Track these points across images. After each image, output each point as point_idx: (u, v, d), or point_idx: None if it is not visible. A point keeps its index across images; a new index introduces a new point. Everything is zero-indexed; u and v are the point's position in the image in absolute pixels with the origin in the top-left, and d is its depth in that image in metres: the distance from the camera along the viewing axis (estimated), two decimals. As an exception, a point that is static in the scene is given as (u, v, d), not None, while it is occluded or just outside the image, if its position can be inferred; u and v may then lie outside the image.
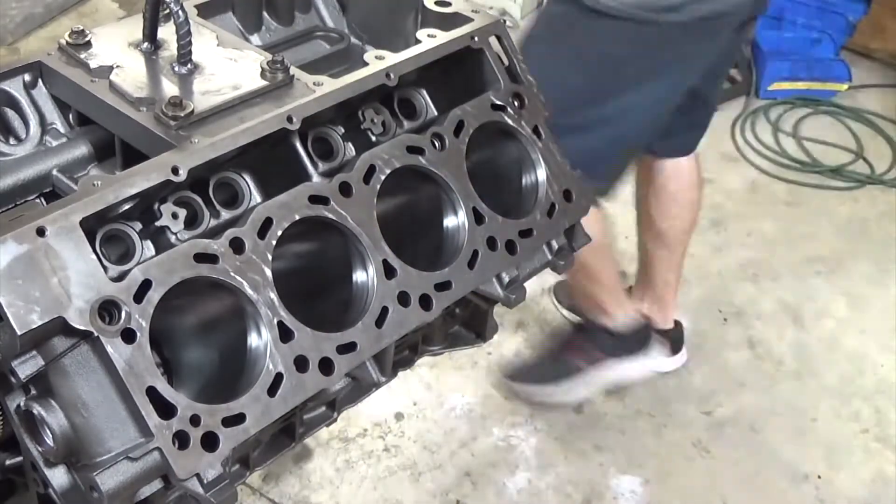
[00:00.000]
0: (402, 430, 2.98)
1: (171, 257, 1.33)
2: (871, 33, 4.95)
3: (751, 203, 4.07)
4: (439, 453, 2.93)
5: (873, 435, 3.11)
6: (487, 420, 3.04)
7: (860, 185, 4.22)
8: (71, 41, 1.62)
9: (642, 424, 3.07)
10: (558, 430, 3.02)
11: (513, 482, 2.87)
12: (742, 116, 4.56)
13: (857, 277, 3.72)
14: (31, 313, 1.20)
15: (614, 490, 2.87)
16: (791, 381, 3.27)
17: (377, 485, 2.82)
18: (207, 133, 1.44)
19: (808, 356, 3.37)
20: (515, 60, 1.80)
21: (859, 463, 3.02)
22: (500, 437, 2.99)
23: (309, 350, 1.40)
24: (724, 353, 3.35)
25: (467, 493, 2.82)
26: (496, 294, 1.71)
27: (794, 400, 3.20)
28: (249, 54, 1.64)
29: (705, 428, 3.07)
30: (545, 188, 1.76)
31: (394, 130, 1.67)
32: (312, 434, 1.83)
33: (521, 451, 2.96)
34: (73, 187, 1.50)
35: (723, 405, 3.15)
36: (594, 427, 3.05)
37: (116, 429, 1.27)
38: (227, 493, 1.35)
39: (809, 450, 3.04)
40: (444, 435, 2.98)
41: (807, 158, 4.34)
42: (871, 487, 2.95)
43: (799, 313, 3.54)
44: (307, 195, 1.47)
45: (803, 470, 2.97)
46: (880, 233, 3.97)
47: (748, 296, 3.58)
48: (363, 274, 1.51)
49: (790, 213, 4.03)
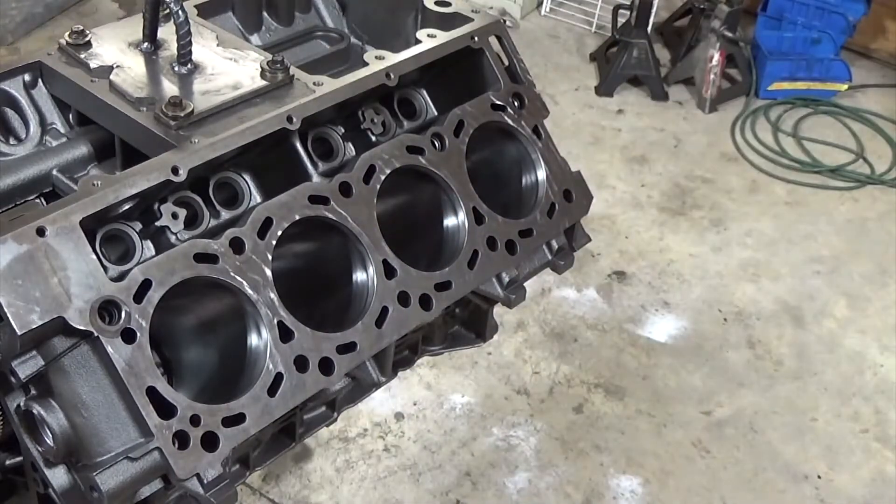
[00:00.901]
0: (402, 430, 2.98)
1: (171, 257, 1.33)
2: (871, 33, 4.95)
3: (751, 203, 4.07)
4: (439, 453, 2.92)
5: (873, 435, 3.11)
6: (487, 420, 3.04)
7: (860, 185, 4.23)
8: (71, 41, 1.62)
9: (642, 424, 3.07)
10: (558, 430, 3.02)
11: (513, 482, 2.87)
12: (742, 116, 4.56)
13: (857, 277, 3.72)
14: (31, 313, 1.20)
15: (614, 490, 2.87)
16: (791, 381, 3.26)
17: (377, 485, 2.82)
18: (207, 133, 1.44)
19: (808, 356, 3.36)
20: (515, 60, 1.80)
21: (859, 463, 3.02)
22: (500, 437, 2.99)
23: (309, 350, 1.40)
24: (724, 353, 3.35)
25: (467, 493, 2.82)
26: (496, 294, 1.71)
27: (794, 400, 3.19)
28: (249, 54, 1.65)
29: (705, 428, 3.07)
30: (545, 188, 1.76)
31: (394, 130, 1.68)
32: (312, 434, 1.83)
33: (521, 451, 2.96)
34: (73, 187, 1.50)
35: (723, 405, 3.15)
36: (594, 427, 3.04)
37: (116, 429, 1.27)
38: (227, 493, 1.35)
39: (809, 450, 3.04)
40: (444, 435, 2.98)
41: (807, 158, 4.34)
42: (871, 487, 2.95)
43: (799, 313, 3.53)
44: (307, 195, 1.47)
45: (803, 470, 2.97)
46: (880, 233, 3.97)
47: (748, 296, 3.58)
48: (363, 274, 1.51)
49: (790, 213, 4.03)
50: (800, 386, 3.25)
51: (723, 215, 3.97)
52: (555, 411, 3.08)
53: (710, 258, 3.73)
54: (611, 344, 3.31)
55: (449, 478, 2.87)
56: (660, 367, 3.25)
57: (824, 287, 3.66)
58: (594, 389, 3.16)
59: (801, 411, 3.16)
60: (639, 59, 4.55)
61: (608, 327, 3.37)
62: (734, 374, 3.27)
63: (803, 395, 3.22)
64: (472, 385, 3.15)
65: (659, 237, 3.79)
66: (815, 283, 3.67)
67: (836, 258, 3.80)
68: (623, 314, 3.43)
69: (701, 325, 3.43)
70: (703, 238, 3.82)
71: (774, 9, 4.82)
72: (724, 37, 4.40)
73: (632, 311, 3.44)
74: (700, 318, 3.46)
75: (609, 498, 2.85)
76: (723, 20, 4.37)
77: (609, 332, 3.35)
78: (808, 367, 3.32)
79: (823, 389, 3.25)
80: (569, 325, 3.37)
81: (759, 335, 3.43)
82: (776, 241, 3.86)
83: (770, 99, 4.66)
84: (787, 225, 3.96)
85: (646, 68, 4.57)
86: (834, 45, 4.77)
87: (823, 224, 3.98)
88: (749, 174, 4.24)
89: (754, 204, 4.07)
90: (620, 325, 3.38)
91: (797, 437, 3.07)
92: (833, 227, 3.97)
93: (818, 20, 4.76)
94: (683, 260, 3.70)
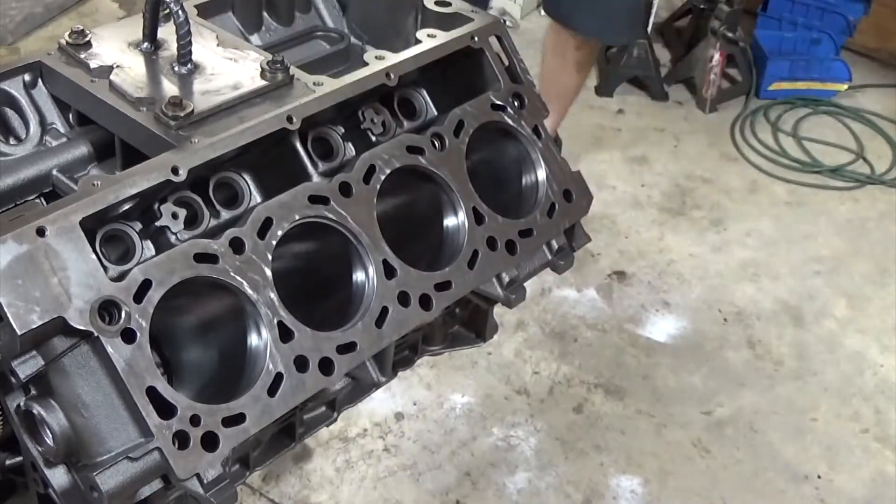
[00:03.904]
0: (402, 430, 2.98)
1: (171, 257, 1.33)
2: (871, 33, 4.95)
3: (751, 203, 4.07)
4: (439, 453, 2.92)
5: (873, 435, 3.11)
6: (487, 420, 3.03)
7: (860, 185, 4.22)
8: (71, 41, 1.62)
9: (642, 424, 3.06)
10: (558, 430, 3.02)
11: (513, 482, 2.87)
12: (742, 116, 4.56)
13: (857, 277, 3.72)
14: (31, 313, 1.20)
15: (614, 490, 2.87)
16: (791, 381, 3.26)
17: (377, 485, 2.82)
18: (207, 133, 1.44)
19: (808, 356, 3.36)
20: (515, 60, 1.80)
21: (859, 463, 3.02)
22: (500, 437, 2.99)
23: (309, 350, 1.40)
24: (724, 353, 3.35)
25: (467, 493, 2.82)
26: (496, 294, 1.71)
27: (794, 400, 3.19)
28: (249, 54, 1.65)
29: (705, 428, 3.07)
30: (545, 188, 1.76)
31: (394, 130, 1.67)
32: (312, 434, 1.83)
33: (521, 451, 2.96)
34: (73, 187, 1.50)
35: (723, 405, 3.15)
36: (594, 427, 3.04)
37: (116, 429, 1.27)
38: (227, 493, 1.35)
39: (809, 450, 3.04)
40: (444, 435, 2.98)
41: (807, 158, 4.33)
42: (871, 487, 2.95)
43: (799, 313, 3.53)
44: (307, 195, 1.47)
45: (803, 470, 2.97)
46: (880, 233, 3.97)
47: (748, 296, 3.58)
48: (363, 274, 1.51)
49: (790, 213, 4.03)
50: (800, 386, 3.25)
51: (723, 215, 3.97)
52: (555, 411, 3.08)
53: (710, 258, 3.74)
54: (611, 344, 3.31)
55: (449, 478, 2.87)
56: (660, 367, 3.25)
57: (824, 287, 3.66)
58: (594, 389, 3.16)
59: (801, 411, 3.16)
60: (639, 59, 4.54)
61: (608, 327, 3.37)
62: (734, 374, 3.27)
63: (803, 395, 3.22)
64: (472, 385, 3.15)
65: (659, 237, 3.80)
66: (815, 283, 3.68)
67: (836, 258, 3.80)
68: (623, 314, 3.43)
69: (701, 325, 3.43)
70: (703, 238, 3.82)
71: (774, 9, 4.82)
72: (724, 37, 4.40)
73: (632, 311, 3.44)
74: (700, 318, 3.46)
75: (609, 498, 2.85)
76: (723, 20, 4.37)
77: (609, 332, 3.35)
78: (808, 367, 3.32)
79: (823, 389, 3.25)
80: (569, 325, 3.37)
81: (759, 335, 3.43)
82: (776, 241, 3.86)
83: (770, 99, 4.66)
84: (787, 225, 3.96)
85: (646, 68, 4.57)
86: (834, 45, 4.77)
87: (823, 224, 3.98)
88: (749, 174, 4.24)
89: (754, 204, 4.07)
90: (620, 325, 3.38)
91: (797, 437, 3.07)
92: (833, 227, 3.97)
93: (818, 20, 4.76)
94: (683, 260, 3.70)
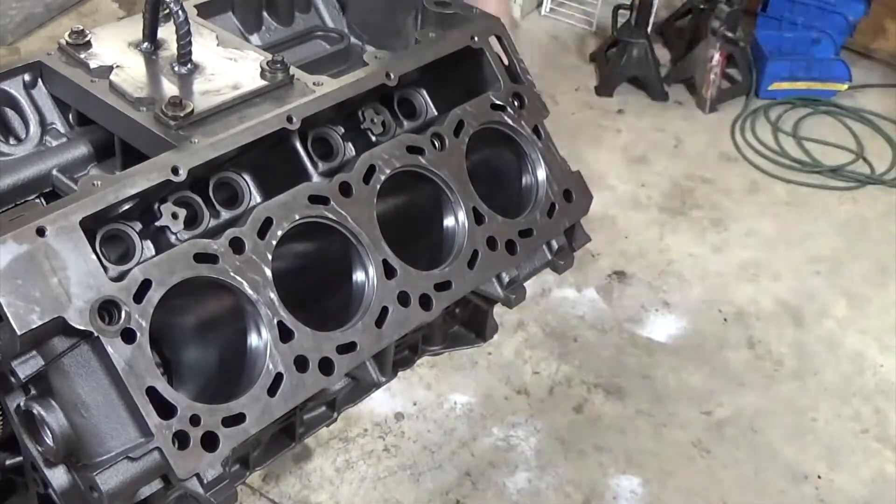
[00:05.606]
0: (402, 430, 2.98)
1: (171, 257, 1.33)
2: (871, 33, 4.95)
3: (751, 203, 4.07)
4: (439, 453, 2.92)
5: (873, 435, 3.11)
6: (487, 420, 3.03)
7: (860, 185, 4.22)
8: (71, 41, 1.62)
9: (642, 424, 3.06)
10: (558, 430, 3.02)
11: (513, 482, 2.87)
12: (742, 116, 4.56)
13: (857, 277, 3.72)
14: (31, 313, 1.20)
15: (614, 490, 2.87)
16: (791, 381, 3.26)
17: (377, 485, 2.82)
18: (207, 133, 1.44)
19: (808, 356, 3.36)
20: (515, 60, 1.80)
21: (859, 463, 3.02)
22: (500, 437, 2.99)
23: (309, 350, 1.40)
24: (724, 353, 3.35)
25: (467, 493, 2.82)
26: (496, 294, 1.71)
27: (794, 400, 3.19)
28: (249, 54, 1.65)
29: (705, 428, 3.07)
30: (545, 188, 1.76)
31: (394, 130, 1.67)
32: (312, 434, 1.83)
33: (521, 451, 2.96)
34: (73, 187, 1.50)
35: (723, 405, 3.15)
36: (594, 427, 3.04)
37: (116, 429, 1.27)
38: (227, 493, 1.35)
39: (809, 450, 3.04)
40: (444, 435, 2.98)
41: (807, 158, 4.33)
42: (871, 487, 2.95)
43: (799, 313, 3.53)
44: (307, 195, 1.47)
45: (803, 470, 2.97)
46: (880, 233, 3.97)
47: (748, 296, 3.58)
48: (363, 274, 1.51)
49: (790, 213, 4.03)
50: (800, 386, 3.25)
51: (723, 215, 3.97)
52: (555, 411, 3.08)
53: (710, 258, 3.74)
54: (611, 344, 3.31)
55: (449, 478, 2.86)
56: (660, 367, 3.25)
57: (824, 287, 3.66)
58: (594, 389, 3.16)
59: (801, 411, 3.16)
60: (639, 59, 4.54)
61: (608, 327, 3.37)
62: (734, 374, 3.27)
63: (803, 395, 3.22)
64: (472, 385, 3.15)
65: (659, 237, 3.79)
66: (815, 282, 3.67)
67: (836, 258, 3.80)
68: (623, 314, 3.43)
69: (701, 325, 3.43)
70: (703, 238, 3.82)
71: (774, 9, 4.82)
72: (724, 37, 4.40)
73: (632, 311, 3.44)
74: (700, 318, 3.46)
75: (609, 498, 2.85)
76: (723, 20, 4.37)
77: (609, 332, 3.35)
78: (808, 367, 3.32)
79: (823, 389, 3.25)
80: (569, 325, 3.37)
81: (759, 335, 3.42)
82: (776, 241, 3.86)
83: (770, 99, 4.66)
84: (787, 225, 3.96)
85: (646, 68, 4.57)
86: (834, 45, 4.77)
87: (823, 224, 3.98)
88: (749, 174, 4.24)
89: (754, 204, 4.07)
90: (620, 325, 3.38)
91: (797, 437, 3.07)
92: (833, 227, 3.97)
93: (818, 20, 4.76)
94: (683, 260, 3.70)
